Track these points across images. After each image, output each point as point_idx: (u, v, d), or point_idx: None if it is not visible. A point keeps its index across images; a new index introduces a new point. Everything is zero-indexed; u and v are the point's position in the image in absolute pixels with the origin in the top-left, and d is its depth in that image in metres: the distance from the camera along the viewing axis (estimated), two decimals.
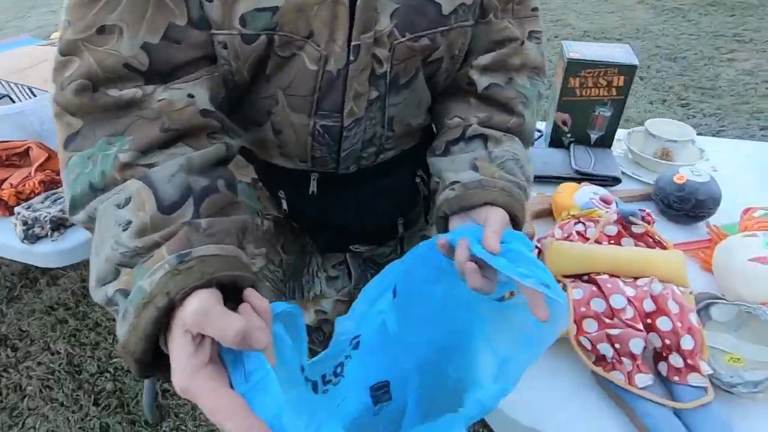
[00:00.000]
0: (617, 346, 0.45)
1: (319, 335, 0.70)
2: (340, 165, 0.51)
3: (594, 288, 0.49)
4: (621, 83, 0.75)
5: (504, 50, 0.54)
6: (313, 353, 0.40)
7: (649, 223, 0.55)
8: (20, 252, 0.83)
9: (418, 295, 0.44)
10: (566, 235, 0.57)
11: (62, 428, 1.14)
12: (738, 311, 0.48)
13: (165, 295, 0.29)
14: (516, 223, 0.45)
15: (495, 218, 0.42)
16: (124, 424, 1.14)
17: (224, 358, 0.29)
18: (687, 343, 0.44)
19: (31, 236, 0.82)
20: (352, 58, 0.43)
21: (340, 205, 0.57)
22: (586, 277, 0.51)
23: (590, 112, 0.79)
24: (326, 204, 0.56)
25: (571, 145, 0.82)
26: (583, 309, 0.48)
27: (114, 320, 0.92)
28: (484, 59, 0.54)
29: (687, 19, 3.92)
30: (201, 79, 0.39)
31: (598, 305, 0.48)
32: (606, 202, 0.61)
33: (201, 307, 0.28)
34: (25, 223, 0.82)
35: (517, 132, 0.55)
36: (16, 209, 0.85)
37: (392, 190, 0.58)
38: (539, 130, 0.89)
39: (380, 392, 0.43)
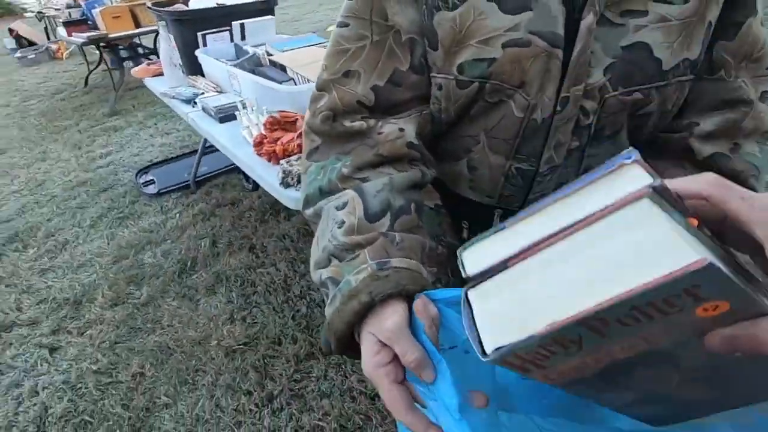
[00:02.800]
0: None
1: None
2: (524, 205, 0.55)
3: None
4: None
5: (733, 114, 0.49)
6: None
7: None
8: (276, 191, 1.14)
9: None
10: None
11: (270, 326, 1.56)
12: None
13: (368, 294, 0.37)
14: None
15: None
16: (306, 344, 1.47)
17: None
18: None
19: (284, 182, 1.12)
20: (558, 108, 0.46)
21: None
22: None
23: None
24: None
25: None
26: None
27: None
28: (708, 125, 0.50)
29: None
30: (412, 116, 0.49)
31: None
32: None
33: (395, 326, 0.35)
34: (284, 172, 1.13)
35: None
36: (281, 161, 1.17)
37: None
38: None
39: None
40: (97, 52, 4.01)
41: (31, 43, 6.31)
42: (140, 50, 4.14)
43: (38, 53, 6.04)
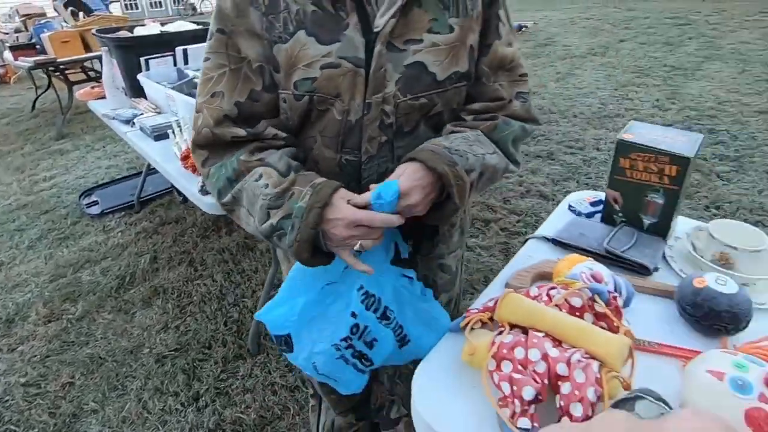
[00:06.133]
0: (514, 388, 0.52)
1: None
2: (362, 191, 0.67)
3: (523, 339, 0.56)
4: (674, 173, 0.73)
5: (493, 105, 0.68)
6: None
7: (609, 306, 0.58)
8: (196, 198, 1.23)
9: None
10: (537, 294, 0.64)
11: (202, 332, 1.63)
12: (659, 412, 0.49)
13: (320, 201, 0.56)
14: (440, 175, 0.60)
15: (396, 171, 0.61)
16: (236, 346, 1.56)
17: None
18: (576, 410, 0.48)
19: (202, 190, 1.22)
20: (366, 112, 0.62)
21: None
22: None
23: (642, 196, 0.78)
24: None
25: (619, 225, 0.82)
26: (505, 351, 0.56)
27: (254, 271, 1.27)
28: (476, 106, 0.69)
29: None
30: (273, 122, 0.65)
31: (519, 353, 0.55)
32: (596, 279, 0.65)
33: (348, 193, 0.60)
34: (202, 181, 1.22)
35: (486, 132, 0.67)
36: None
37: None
38: (601, 201, 0.90)
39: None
40: (46, 76, 4.00)
41: None
42: (92, 74, 4.16)
43: None
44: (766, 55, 4.55)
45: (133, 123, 1.87)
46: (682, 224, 0.86)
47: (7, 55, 3.85)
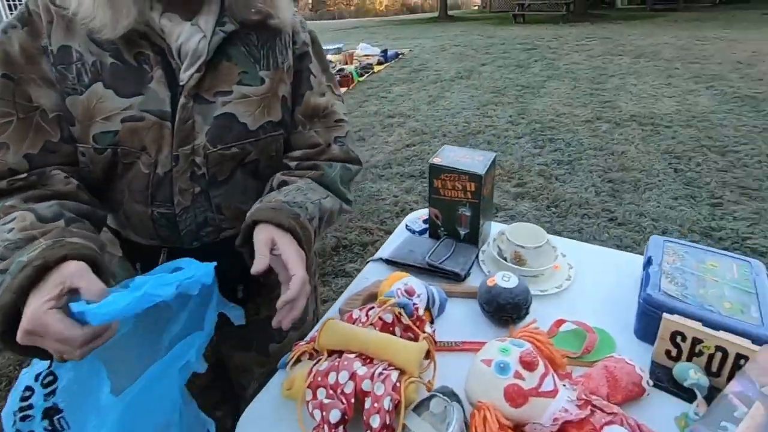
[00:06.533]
0: (324, 413, 0.55)
1: None
2: (183, 242, 0.67)
3: (337, 363, 0.59)
4: (473, 188, 0.85)
5: (312, 152, 0.72)
6: None
7: (413, 316, 0.64)
8: None
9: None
10: (357, 316, 0.68)
11: None
12: (444, 405, 0.55)
13: (42, 259, 0.42)
14: (286, 227, 0.59)
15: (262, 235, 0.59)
16: None
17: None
18: (375, 422, 0.52)
19: None
20: (174, 164, 0.61)
21: None
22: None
23: (455, 211, 0.89)
24: None
25: (441, 239, 0.92)
26: (319, 379, 0.58)
27: None
28: (297, 153, 0.71)
29: (757, 110, 3.67)
30: (70, 169, 0.59)
31: (332, 378, 0.58)
32: (409, 293, 0.71)
33: (78, 268, 0.44)
34: None
35: (315, 179, 0.70)
36: None
37: (232, 262, 0.68)
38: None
39: None
40: None
41: None
42: None
43: None
44: (591, 73, 5.56)
45: None
46: (494, 229, 0.99)
47: None
